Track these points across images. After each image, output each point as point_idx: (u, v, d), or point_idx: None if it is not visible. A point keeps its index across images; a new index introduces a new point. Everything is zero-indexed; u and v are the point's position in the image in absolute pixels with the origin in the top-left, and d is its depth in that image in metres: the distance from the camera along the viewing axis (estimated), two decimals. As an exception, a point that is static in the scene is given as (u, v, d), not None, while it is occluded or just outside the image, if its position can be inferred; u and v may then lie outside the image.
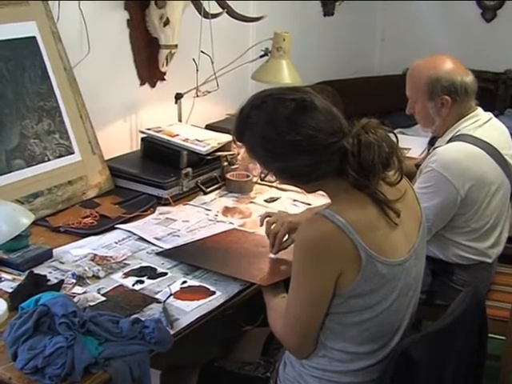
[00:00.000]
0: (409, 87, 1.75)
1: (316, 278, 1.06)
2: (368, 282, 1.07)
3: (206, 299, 1.29)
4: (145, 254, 1.50)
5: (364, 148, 1.07)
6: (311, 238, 1.05)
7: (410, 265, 1.14)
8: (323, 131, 1.08)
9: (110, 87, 2.00)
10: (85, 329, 1.10)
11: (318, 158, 1.08)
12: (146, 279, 1.37)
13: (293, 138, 1.07)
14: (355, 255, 1.04)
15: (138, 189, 1.83)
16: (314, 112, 1.08)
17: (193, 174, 1.89)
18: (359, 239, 1.04)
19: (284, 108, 1.09)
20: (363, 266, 1.05)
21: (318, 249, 1.04)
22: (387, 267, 1.08)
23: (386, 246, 1.09)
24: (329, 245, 1.04)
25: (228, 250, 1.50)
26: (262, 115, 1.10)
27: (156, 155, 1.94)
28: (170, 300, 1.29)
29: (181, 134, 1.98)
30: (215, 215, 1.75)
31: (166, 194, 1.80)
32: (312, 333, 1.13)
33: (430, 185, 1.62)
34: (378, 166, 1.08)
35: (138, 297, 1.29)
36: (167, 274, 1.39)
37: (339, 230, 1.04)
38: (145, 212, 1.72)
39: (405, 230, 1.13)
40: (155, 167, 1.89)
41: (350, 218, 1.05)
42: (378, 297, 1.10)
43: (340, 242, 1.04)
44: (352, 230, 1.04)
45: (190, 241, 1.57)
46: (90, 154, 1.82)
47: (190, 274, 1.40)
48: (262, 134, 1.10)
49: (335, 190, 1.12)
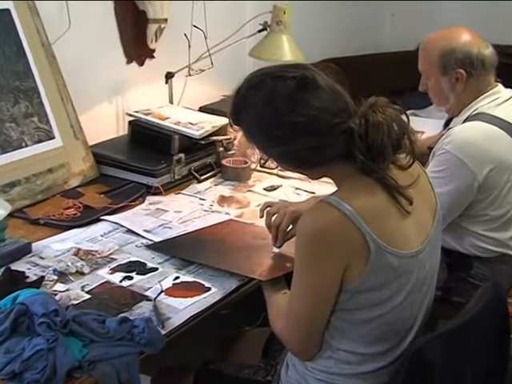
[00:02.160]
0: (421, 61, 1.73)
1: (321, 271, 1.06)
2: (378, 275, 1.06)
3: (200, 296, 1.29)
4: (133, 247, 1.50)
5: (372, 128, 1.06)
6: (315, 227, 1.04)
7: (424, 257, 1.14)
8: (327, 111, 1.07)
9: (93, 66, 1.98)
10: (67, 329, 1.09)
11: (322, 141, 1.07)
12: (135, 275, 1.36)
13: (294, 119, 1.06)
14: (363, 246, 1.04)
15: (125, 177, 1.83)
16: (316, 90, 1.08)
17: (185, 161, 1.89)
18: (367, 228, 1.04)
19: (284, 87, 1.07)
20: (372, 258, 1.04)
21: (323, 239, 1.04)
22: (399, 259, 1.08)
23: (398, 236, 1.08)
24: (334, 235, 1.04)
25: (224, 242, 1.50)
26: (260, 95, 1.09)
27: (145, 140, 1.93)
28: (161, 297, 1.28)
29: (172, 117, 1.97)
30: (210, 205, 1.75)
31: (157, 182, 1.79)
32: (316, 332, 1.12)
33: (444, 168, 1.60)
34: (388, 148, 1.07)
35: (126, 294, 1.29)
36: (158, 269, 1.39)
37: (346, 219, 1.03)
38: (133, 202, 1.71)
39: (418, 219, 1.13)
40: (144, 153, 1.89)
41: (358, 206, 1.04)
42: (389, 292, 1.09)
43: (347, 232, 1.03)
44: (360, 219, 1.03)
45: (182, 233, 1.56)
46: (72, 139, 1.81)
47: (183, 268, 1.40)
48: (261, 116, 1.09)
49: (341, 175, 1.11)
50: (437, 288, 1.24)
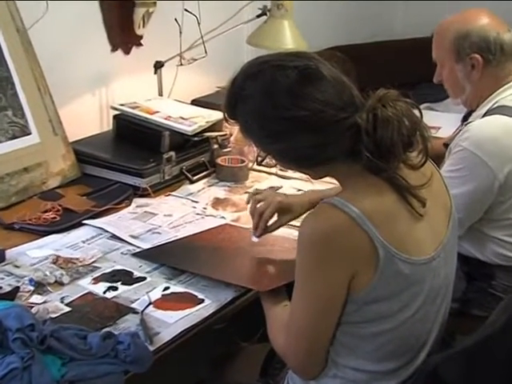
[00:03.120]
0: (435, 48, 1.73)
1: (325, 280, 1.06)
2: (387, 284, 1.06)
3: (192, 309, 1.29)
4: (119, 254, 1.50)
5: (381, 124, 1.06)
6: (318, 231, 1.04)
7: (439, 264, 1.14)
8: (332, 105, 1.07)
9: (74, 54, 1.98)
10: (45, 346, 1.09)
11: (325, 138, 1.08)
12: (121, 285, 1.37)
13: (295, 113, 1.06)
14: (372, 252, 1.04)
15: (110, 177, 1.83)
16: (320, 82, 1.08)
17: (176, 159, 1.89)
18: (376, 232, 1.04)
19: (284, 77, 1.08)
20: (381, 265, 1.04)
21: (327, 245, 1.04)
22: (410, 266, 1.08)
23: (409, 241, 1.08)
24: (340, 239, 1.04)
25: (219, 249, 1.51)
26: (258, 87, 1.10)
27: (132, 136, 1.93)
28: (150, 310, 1.28)
29: (162, 111, 1.98)
30: (204, 208, 1.76)
31: (145, 182, 1.80)
32: (320, 348, 1.12)
33: (461, 167, 1.60)
34: (398, 145, 1.07)
35: (110, 306, 1.29)
36: (146, 279, 1.40)
37: (352, 222, 1.03)
38: (118, 205, 1.72)
39: (431, 223, 1.13)
40: (131, 151, 1.89)
41: (365, 207, 1.04)
42: (400, 302, 1.09)
43: (353, 236, 1.04)
44: (367, 222, 1.04)
45: (173, 239, 1.57)
46: (50, 135, 1.81)
47: (174, 278, 1.40)
48: (259, 110, 1.10)
49: (346, 174, 1.12)
50: (454, 300, 1.24)
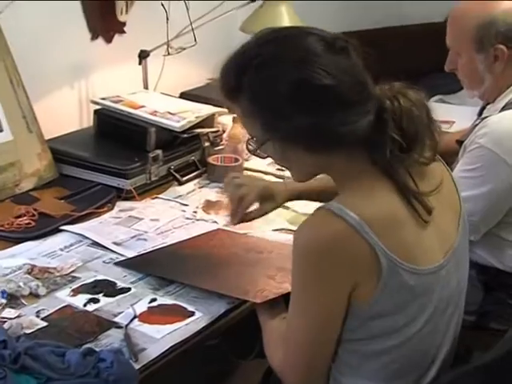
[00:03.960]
0: (450, 34, 1.72)
1: (323, 292, 1.06)
2: (391, 296, 1.06)
3: (182, 322, 1.29)
4: (100, 263, 1.50)
5: (406, 113, 1.07)
6: (316, 241, 1.04)
7: (449, 271, 1.14)
8: (359, 81, 1.08)
9: (50, 43, 1.98)
10: (18, 364, 1.09)
11: (351, 115, 1.06)
12: (102, 297, 1.37)
13: (325, 81, 1.05)
14: (373, 262, 1.04)
15: (90, 178, 1.83)
16: (349, 55, 1.09)
17: (164, 158, 1.89)
18: (378, 241, 1.04)
19: (316, 44, 1.07)
20: (384, 276, 1.05)
21: (325, 255, 1.04)
22: (416, 277, 1.08)
23: (415, 250, 1.08)
24: (339, 249, 1.04)
25: (211, 257, 1.51)
26: (286, 51, 1.07)
27: (114, 133, 1.93)
28: (135, 324, 1.29)
29: (147, 106, 1.98)
30: (194, 212, 1.76)
31: (129, 184, 1.80)
32: (321, 364, 1.13)
33: (478, 166, 1.61)
34: (423, 136, 1.09)
35: (91, 320, 1.29)
36: (130, 290, 1.40)
37: (351, 230, 1.03)
38: (100, 209, 1.72)
39: (439, 227, 1.13)
40: (113, 149, 1.89)
41: (366, 213, 1.04)
42: (406, 317, 1.09)
43: (353, 246, 1.03)
44: (368, 230, 1.04)
45: (160, 246, 1.57)
46: (24, 132, 1.81)
47: (161, 289, 1.40)
48: (280, 76, 1.05)
49: (347, 173, 1.11)
50: (471, 312, 1.24)
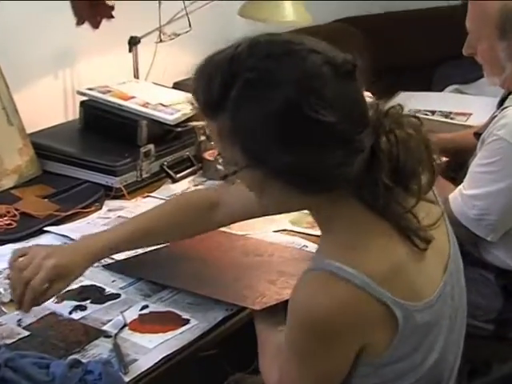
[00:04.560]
0: (471, 16, 1.72)
1: (327, 359, 1.03)
2: (408, 341, 1.04)
3: (175, 331, 1.29)
4: None
5: (402, 149, 1.00)
6: (318, 310, 0.98)
7: (452, 285, 1.12)
8: (362, 116, 1.01)
9: (32, 28, 1.98)
10: (-1, 376, 1.09)
11: (347, 155, 0.98)
12: (90, 304, 1.37)
13: (327, 117, 0.96)
14: (387, 316, 1.01)
15: (76, 175, 1.83)
16: (354, 83, 1.00)
17: (156, 154, 1.89)
18: (389, 294, 1.00)
19: (324, 67, 0.97)
20: (401, 326, 1.02)
21: (331, 325, 0.98)
22: (429, 311, 1.06)
23: (423, 285, 1.05)
24: (347, 315, 0.98)
25: (207, 260, 1.51)
26: (286, 70, 0.97)
27: (102, 127, 1.94)
28: (125, 333, 1.29)
29: (138, 97, 1.99)
30: None
31: (118, 182, 1.81)
32: None
33: (496, 160, 1.61)
34: (418, 174, 1.03)
35: (77, 329, 1.29)
36: (120, 297, 1.40)
37: (360, 291, 0.98)
38: (87, 208, 1.73)
39: (434, 244, 1.08)
40: (101, 144, 1.89)
41: (369, 268, 0.99)
42: (423, 353, 1.07)
43: (363, 307, 0.99)
44: (375, 286, 0.98)
45: (152, 248, 1.55)
46: (4, 126, 1.81)
47: (153, 295, 1.41)
48: (284, 104, 0.96)
49: (336, 214, 1.04)
50: (489, 321, 1.23)
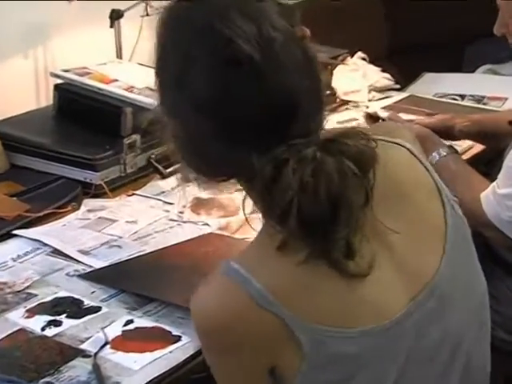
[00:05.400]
0: None
1: (232, 376, 1.05)
2: (326, 371, 1.03)
3: (164, 349, 1.30)
4: (63, 276, 1.51)
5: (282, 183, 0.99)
6: (209, 319, 1.03)
7: (423, 314, 1.06)
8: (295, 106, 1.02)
9: (-1, 1, 1.98)
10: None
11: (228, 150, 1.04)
12: (66, 319, 1.37)
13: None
14: (288, 339, 1.01)
15: (50, 170, 1.84)
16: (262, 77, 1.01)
17: (142, 146, 1.90)
18: (291, 313, 1.00)
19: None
20: (308, 352, 1.01)
21: (223, 335, 1.02)
22: (359, 342, 1.03)
23: (352, 307, 1.03)
24: (241, 328, 1.01)
25: (201, 268, 1.50)
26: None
27: (80, 114, 1.94)
28: (106, 352, 1.29)
29: (121, 80, 2.00)
30: (180, 212, 1.76)
31: (99, 177, 1.81)
32: None
33: None
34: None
35: (51, 348, 1.29)
36: (100, 310, 1.40)
37: (253, 303, 1.00)
38: (63, 208, 1.73)
39: (401, 269, 1.06)
40: (79, 134, 1.90)
41: (271, 278, 1.01)
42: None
43: (259, 322, 1.01)
44: (273, 300, 1.00)
45: (138, 255, 1.58)
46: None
47: (139, 308, 1.41)
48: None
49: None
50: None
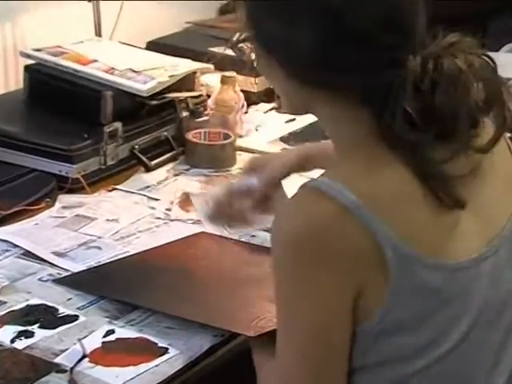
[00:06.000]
0: None
1: (317, 301, 1.08)
2: (408, 304, 1.08)
3: (150, 363, 1.30)
4: (35, 282, 1.51)
5: (445, 82, 1.08)
6: (297, 230, 1.07)
7: (497, 265, 1.14)
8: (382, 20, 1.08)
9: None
10: None
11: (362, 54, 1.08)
12: (38, 329, 1.37)
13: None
14: (377, 255, 1.06)
15: (20, 162, 1.84)
16: None
17: (125, 135, 1.90)
18: (381, 224, 1.06)
19: None
20: (393, 275, 1.06)
21: (313, 246, 1.06)
22: (443, 275, 1.10)
23: (438, 236, 1.11)
24: (330, 238, 1.06)
25: (190, 272, 1.52)
26: None
27: (54, 99, 1.94)
28: (84, 366, 1.29)
29: (101, 60, 1.99)
30: (167, 209, 1.77)
31: (76, 170, 1.81)
32: None
33: None
34: (464, 122, 1.09)
35: (21, 362, 1.30)
36: (78, 319, 1.40)
37: (346, 213, 1.05)
38: (35, 205, 1.73)
39: (479, 209, 1.14)
40: (53, 122, 1.91)
41: (365, 190, 1.07)
42: (432, 331, 1.10)
43: (349, 232, 1.06)
44: (367, 211, 1.05)
45: (120, 257, 1.58)
46: None
47: (121, 317, 1.41)
48: None
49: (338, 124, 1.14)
50: None
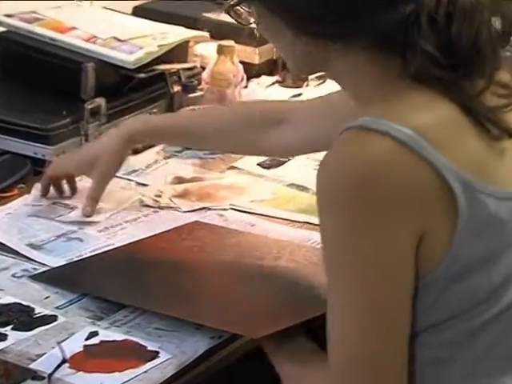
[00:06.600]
0: None
1: (377, 250, 1.09)
2: (477, 238, 1.11)
3: (138, 369, 1.30)
4: (8, 278, 1.52)
5: (460, 13, 1.13)
6: (357, 172, 1.09)
7: None
8: None
9: None
10: None
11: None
12: (12, 331, 1.38)
13: None
14: (441, 189, 1.09)
15: (-9, 143, 1.86)
16: None
17: (108, 112, 1.92)
18: (443, 159, 1.09)
19: None
20: (462, 208, 1.09)
21: (370, 188, 1.08)
22: (507, 204, 1.14)
23: (497, 169, 1.15)
24: (389, 177, 1.09)
25: (184, 267, 1.53)
26: None
27: (28, 72, 1.97)
28: (64, 372, 1.29)
29: (80, 28, 2.00)
30: (157, 196, 1.77)
31: (53, 152, 1.83)
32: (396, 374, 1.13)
33: None
34: (484, 52, 1.15)
35: (-6, 368, 1.31)
36: (56, 320, 1.41)
37: (404, 148, 1.08)
38: (7, 192, 1.75)
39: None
40: (27, 97, 1.94)
41: (418, 124, 1.10)
42: (504, 268, 1.13)
43: (410, 170, 1.09)
44: (426, 145, 1.08)
45: (104, 249, 1.59)
46: None
47: (105, 317, 1.41)
48: None
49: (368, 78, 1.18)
50: None
